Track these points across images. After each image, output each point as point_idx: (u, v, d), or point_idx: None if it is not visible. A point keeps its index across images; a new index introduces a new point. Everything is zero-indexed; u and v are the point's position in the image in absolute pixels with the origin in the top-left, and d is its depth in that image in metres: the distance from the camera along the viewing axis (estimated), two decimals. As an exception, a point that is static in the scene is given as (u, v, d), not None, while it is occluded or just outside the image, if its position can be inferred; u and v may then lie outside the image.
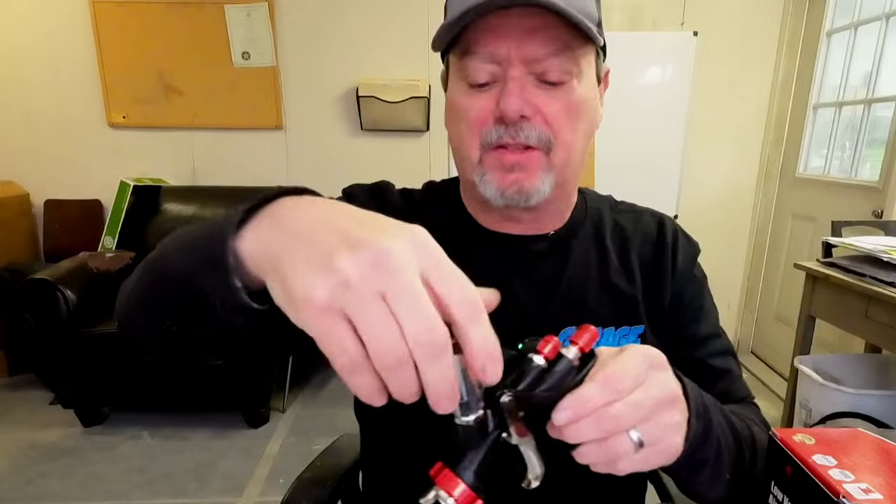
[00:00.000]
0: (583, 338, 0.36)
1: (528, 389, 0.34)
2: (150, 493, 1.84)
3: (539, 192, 0.55)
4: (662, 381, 0.38)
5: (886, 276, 1.51)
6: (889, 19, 2.16)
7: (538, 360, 0.35)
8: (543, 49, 0.51)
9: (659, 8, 2.66)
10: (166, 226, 2.56)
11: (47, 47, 2.69)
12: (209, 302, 0.34)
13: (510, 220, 0.61)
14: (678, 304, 0.63)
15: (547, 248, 0.62)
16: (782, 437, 0.41)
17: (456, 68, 0.56)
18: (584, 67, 0.55)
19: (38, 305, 2.02)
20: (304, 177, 2.81)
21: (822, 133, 2.58)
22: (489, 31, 0.51)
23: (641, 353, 0.37)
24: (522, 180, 0.54)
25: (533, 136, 0.53)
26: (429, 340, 0.26)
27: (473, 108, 0.54)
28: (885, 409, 1.56)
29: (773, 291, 2.86)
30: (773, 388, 2.63)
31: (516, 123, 0.52)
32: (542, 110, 0.53)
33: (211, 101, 2.74)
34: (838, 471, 0.37)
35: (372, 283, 0.26)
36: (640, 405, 0.35)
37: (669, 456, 0.38)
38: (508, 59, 0.51)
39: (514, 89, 0.51)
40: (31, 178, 2.80)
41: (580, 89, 0.54)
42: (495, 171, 0.55)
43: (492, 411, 0.33)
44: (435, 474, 0.33)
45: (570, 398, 0.34)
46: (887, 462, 0.39)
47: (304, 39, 2.70)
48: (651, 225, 0.66)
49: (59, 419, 2.22)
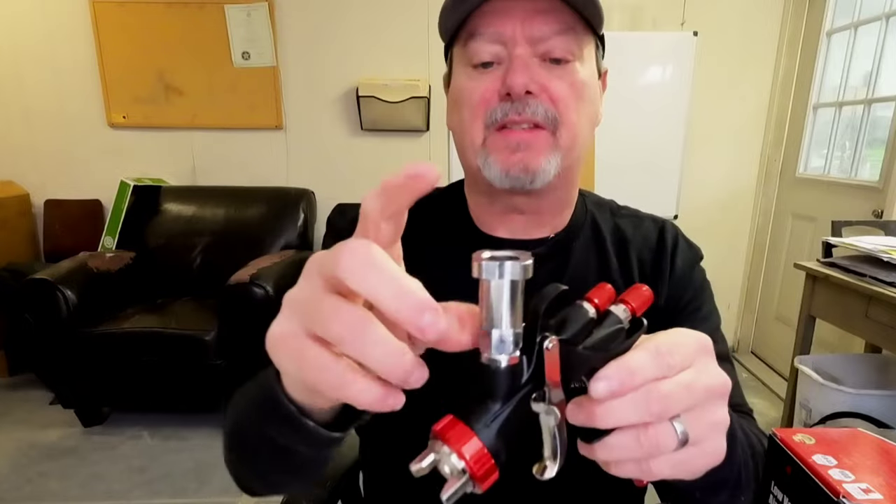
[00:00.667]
0: (636, 298, 0.30)
1: (575, 341, 0.28)
2: (150, 493, 1.84)
3: (545, 173, 0.54)
4: (713, 368, 0.32)
5: (886, 276, 1.51)
6: (889, 19, 2.16)
7: (588, 309, 0.29)
8: (548, 27, 0.52)
9: (659, 8, 2.66)
10: (166, 226, 2.57)
11: (47, 47, 2.69)
12: (299, 452, 0.35)
13: (513, 211, 0.60)
14: (674, 306, 0.62)
15: (546, 251, 0.62)
16: (782, 437, 0.41)
17: (460, 55, 0.57)
18: (586, 52, 0.56)
19: (38, 305, 2.02)
20: (304, 177, 2.81)
21: (822, 133, 2.58)
22: (494, 14, 0.53)
23: (692, 334, 0.32)
24: (528, 159, 0.54)
25: (540, 112, 0.53)
26: (340, 332, 0.24)
27: (478, 89, 0.55)
28: (885, 409, 1.56)
29: (773, 291, 2.86)
30: (773, 388, 2.63)
31: (522, 99, 0.52)
32: (547, 87, 0.53)
33: (211, 101, 2.74)
34: (838, 471, 0.37)
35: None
36: (692, 389, 0.29)
37: (711, 461, 0.32)
38: (514, 39, 0.52)
39: (520, 65, 0.52)
40: (31, 178, 2.80)
41: (583, 71, 0.55)
42: (500, 152, 0.55)
43: (527, 358, 0.27)
44: (442, 429, 0.26)
45: (615, 365, 0.28)
46: (887, 462, 0.39)
47: (304, 39, 2.70)
48: (652, 230, 0.66)
49: (60, 419, 2.22)
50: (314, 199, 2.73)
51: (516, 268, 0.24)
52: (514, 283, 0.25)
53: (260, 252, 2.43)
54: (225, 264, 2.24)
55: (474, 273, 0.25)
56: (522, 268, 0.24)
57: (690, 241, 0.67)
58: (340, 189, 2.80)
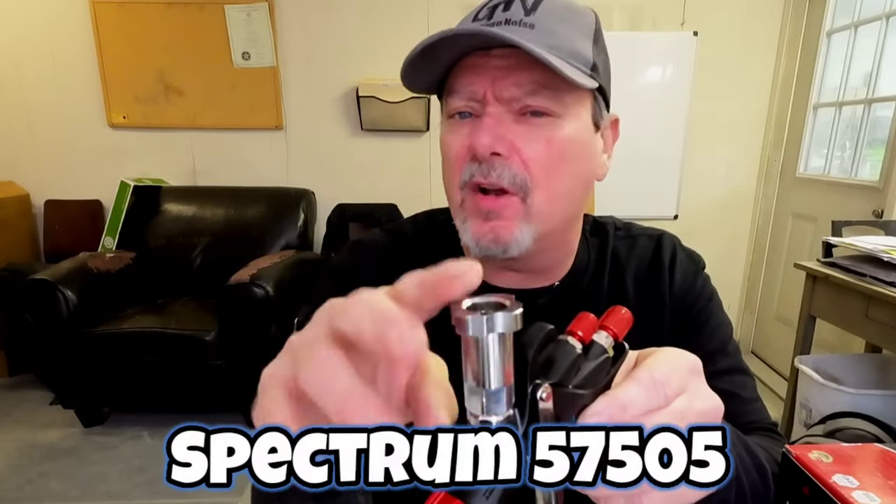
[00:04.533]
0: (617, 322, 0.28)
1: (564, 382, 0.26)
2: (150, 493, 1.83)
3: (518, 243, 0.50)
4: (704, 391, 0.31)
5: (886, 276, 1.51)
6: (889, 19, 2.16)
7: (574, 345, 0.27)
8: (518, 89, 0.49)
9: (659, 8, 2.66)
10: (166, 226, 2.57)
11: (47, 47, 2.69)
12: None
13: (507, 270, 0.58)
14: (681, 321, 0.60)
15: (549, 301, 0.59)
16: (798, 454, 0.39)
17: (444, 108, 0.55)
18: (572, 108, 0.51)
19: (38, 305, 2.02)
20: (305, 177, 2.81)
21: (822, 133, 2.58)
22: (468, 70, 0.50)
23: (681, 355, 0.30)
24: (499, 229, 0.50)
25: (506, 177, 0.49)
26: (310, 374, 0.23)
27: (454, 144, 0.52)
28: (885, 409, 1.56)
29: (774, 291, 2.86)
30: (773, 388, 2.63)
31: (488, 160, 0.49)
32: (518, 149, 0.49)
33: (211, 102, 2.74)
34: (862, 493, 0.34)
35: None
36: (685, 416, 0.28)
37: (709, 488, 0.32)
38: (485, 98, 0.50)
39: (488, 123, 0.49)
40: (31, 178, 2.80)
41: (568, 127, 0.50)
42: (474, 218, 0.52)
43: (519, 412, 0.24)
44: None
45: (604, 401, 0.26)
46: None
47: (304, 39, 2.70)
48: (647, 248, 0.63)
49: (60, 419, 2.22)
50: (314, 200, 2.73)
51: (507, 320, 0.22)
52: (503, 337, 0.22)
53: (260, 252, 2.43)
54: (225, 264, 2.24)
55: (457, 329, 0.23)
56: (513, 319, 0.22)
57: (690, 251, 0.65)
58: (340, 189, 2.80)
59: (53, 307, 2.01)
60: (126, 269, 2.38)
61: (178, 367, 2.07)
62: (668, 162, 2.56)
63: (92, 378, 2.10)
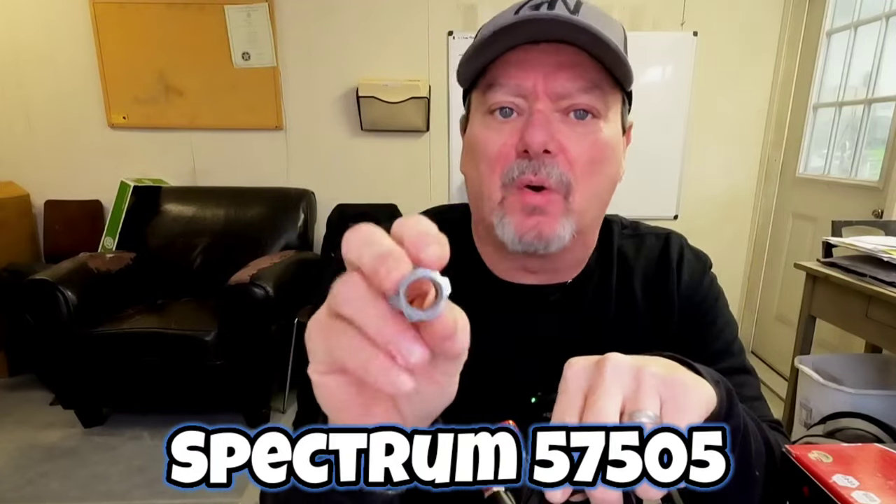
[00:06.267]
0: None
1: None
2: (150, 493, 1.83)
3: (560, 239, 0.51)
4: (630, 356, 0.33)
5: (886, 276, 1.51)
6: (889, 19, 2.16)
7: None
8: (572, 84, 0.49)
9: (659, 8, 2.66)
10: (166, 226, 2.57)
11: (47, 48, 2.69)
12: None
13: (524, 271, 0.58)
14: (686, 320, 0.61)
15: (561, 297, 0.60)
16: (797, 455, 0.39)
17: (478, 103, 0.54)
18: (612, 112, 0.52)
19: (38, 306, 2.02)
20: (305, 177, 2.81)
21: (822, 133, 2.58)
22: (516, 64, 0.50)
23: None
24: (542, 225, 0.51)
25: (554, 175, 0.50)
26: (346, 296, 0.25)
27: (495, 142, 0.51)
28: (885, 409, 1.56)
29: (774, 291, 2.86)
30: (773, 388, 2.62)
31: (540, 158, 0.49)
32: (565, 148, 0.50)
33: (211, 102, 2.74)
34: (862, 493, 0.34)
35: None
36: (639, 377, 0.31)
37: None
38: (535, 93, 0.49)
39: (540, 120, 0.49)
40: (31, 178, 2.80)
41: (607, 130, 0.52)
42: (516, 214, 0.52)
43: None
44: None
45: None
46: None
47: (304, 39, 2.70)
48: (655, 247, 0.64)
49: (60, 419, 2.22)
50: (314, 200, 2.73)
51: None
52: None
53: (260, 252, 2.43)
54: (225, 265, 2.24)
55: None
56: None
57: (698, 251, 0.65)
58: (340, 189, 2.80)
59: (53, 307, 2.01)
60: (126, 269, 2.38)
61: (178, 368, 2.07)
62: (668, 162, 2.57)
63: (92, 378, 2.10)
